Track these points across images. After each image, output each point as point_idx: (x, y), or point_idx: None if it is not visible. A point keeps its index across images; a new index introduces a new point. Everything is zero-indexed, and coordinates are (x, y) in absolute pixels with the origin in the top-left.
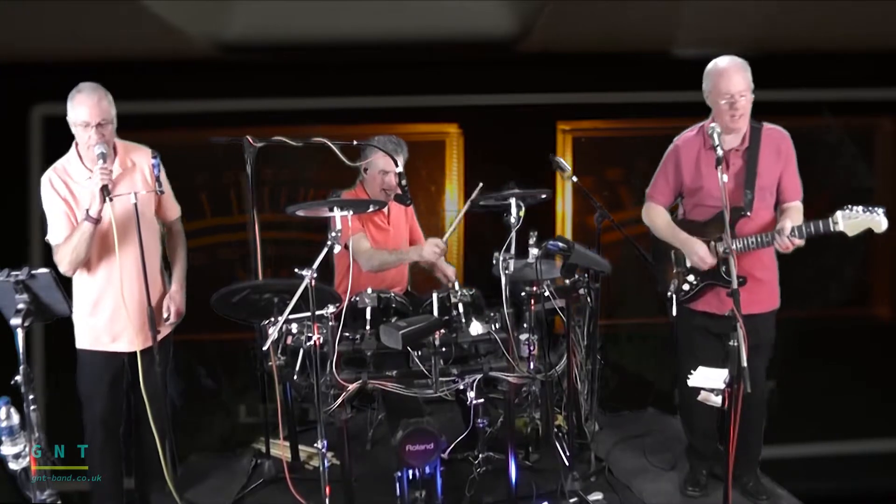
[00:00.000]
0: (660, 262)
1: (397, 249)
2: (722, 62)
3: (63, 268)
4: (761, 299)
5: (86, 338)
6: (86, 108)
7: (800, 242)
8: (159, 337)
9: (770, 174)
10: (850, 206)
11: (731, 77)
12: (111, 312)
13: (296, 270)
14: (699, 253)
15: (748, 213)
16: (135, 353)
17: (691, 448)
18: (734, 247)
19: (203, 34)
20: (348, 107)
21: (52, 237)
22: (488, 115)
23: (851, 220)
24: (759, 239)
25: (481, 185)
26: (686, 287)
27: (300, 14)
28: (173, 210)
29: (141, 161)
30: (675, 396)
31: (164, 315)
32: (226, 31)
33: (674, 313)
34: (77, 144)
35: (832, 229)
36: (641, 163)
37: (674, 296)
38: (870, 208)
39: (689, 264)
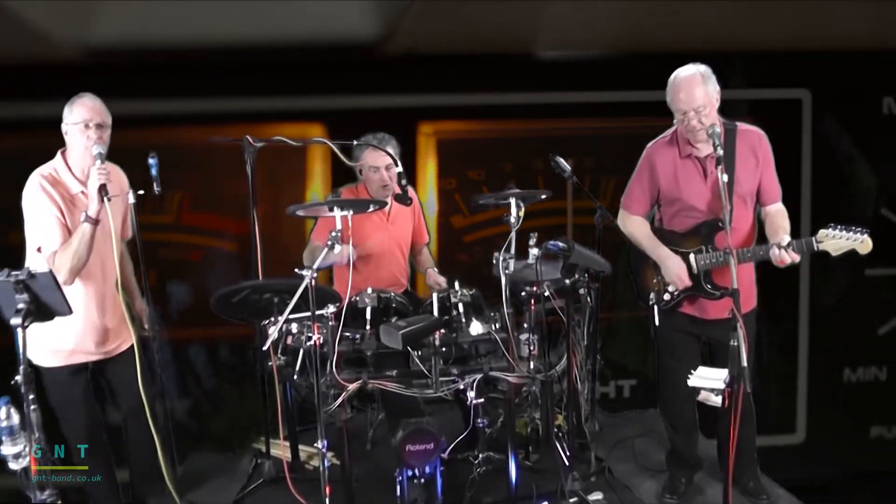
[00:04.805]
0: (639, 270)
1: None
2: (679, 74)
3: (63, 276)
4: (741, 300)
5: (49, 355)
6: (86, 108)
7: (797, 257)
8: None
9: (748, 180)
10: (833, 225)
11: (682, 92)
12: (94, 319)
13: (296, 270)
14: (676, 272)
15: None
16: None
17: (673, 454)
18: (721, 260)
19: (68, 37)
20: (212, 110)
21: (47, 245)
22: (352, 116)
23: (834, 241)
24: (754, 251)
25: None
26: (666, 297)
27: (164, 17)
28: (129, 230)
29: (119, 178)
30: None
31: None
32: (91, 35)
33: (657, 322)
34: (64, 153)
35: (815, 248)
36: (504, 163)
37: (655, 305)
38: (853, 228)
39: None
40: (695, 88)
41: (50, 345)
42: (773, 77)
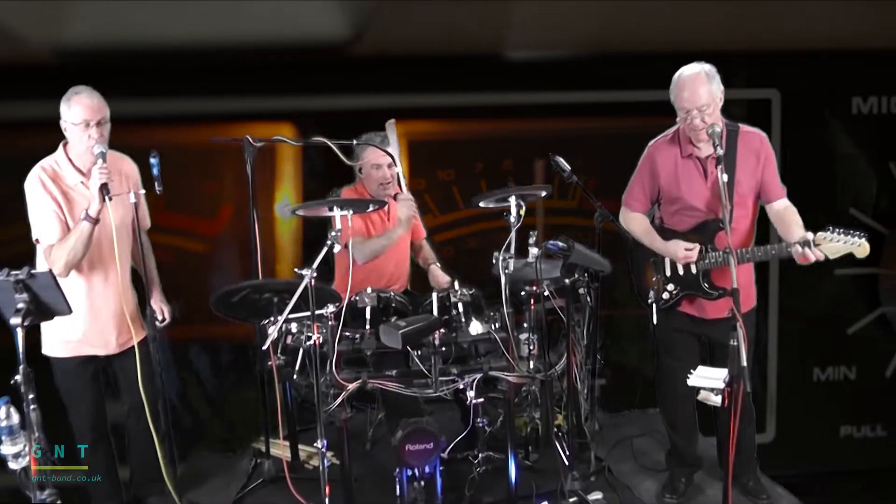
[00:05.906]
0: (638, 268)
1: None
2: (684, 72)
3: (58, 269)
4: (741, 299)
5: (59, 346)
6: (85, 106)
7: (822, 255)
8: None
9: (749, 181)
10: (831, 228)
11: (686, 91)
12: (100, 314)
13: (295, 270)
14: (680, 252)
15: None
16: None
17: (673, 453)
18: (721, 260)
19: (38, 37)
20: (181, 111)
21: (44, 238)
22: (322, 117)
23: (832, 244)
24: (766, 251)
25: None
26: (665, 296)
27: (133, 18)
28: (147, 219)
29: (128, 170)
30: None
31: (160, 318)
32: (62, 35)
33: (654, 321)
34: (66, 145)
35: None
36: (474, 163)
37: (654, 304)
38: (851, 232)
39: (668, 273)
40: (699, 87)
41: (61, 335)
42: (742, 77)
